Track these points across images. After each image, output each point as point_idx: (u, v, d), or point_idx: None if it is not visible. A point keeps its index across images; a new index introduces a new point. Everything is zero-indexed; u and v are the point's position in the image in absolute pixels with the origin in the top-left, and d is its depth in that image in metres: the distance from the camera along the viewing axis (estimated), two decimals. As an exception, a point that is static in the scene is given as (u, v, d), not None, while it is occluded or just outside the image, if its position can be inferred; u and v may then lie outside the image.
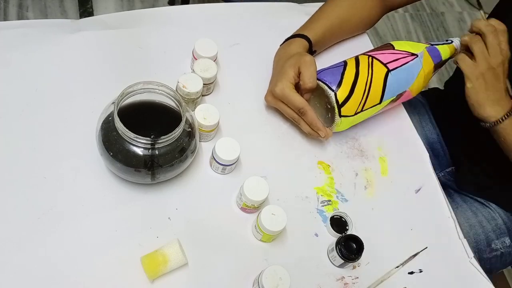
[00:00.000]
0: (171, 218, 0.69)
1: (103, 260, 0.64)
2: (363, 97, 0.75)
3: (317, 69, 0.76)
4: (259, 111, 0.83)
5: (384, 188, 0.81)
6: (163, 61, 0.83)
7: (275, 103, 0.78)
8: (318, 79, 0.75)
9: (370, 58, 0.77)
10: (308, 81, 0.73)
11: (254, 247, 0.70)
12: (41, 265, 0.62)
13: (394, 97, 0.78)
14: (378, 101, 0.77)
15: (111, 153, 0.63)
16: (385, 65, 0.77)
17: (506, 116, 0.75)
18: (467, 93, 0.76)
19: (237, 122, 0.80)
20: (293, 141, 0.81)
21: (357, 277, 0.72)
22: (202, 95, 0.80)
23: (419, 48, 0.80)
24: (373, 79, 0.75)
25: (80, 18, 1.66)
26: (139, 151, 0.63)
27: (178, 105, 0.66)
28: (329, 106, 0.76)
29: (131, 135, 0.61)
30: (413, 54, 0.79)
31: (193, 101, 0.75)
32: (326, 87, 0.74)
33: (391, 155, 0.85)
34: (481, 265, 0.77)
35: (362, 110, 0.76)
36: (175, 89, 0.68)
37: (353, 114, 0.75)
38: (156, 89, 0.66)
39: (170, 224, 0.69)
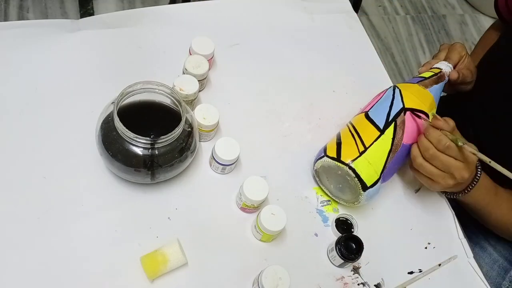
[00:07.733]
0: (171, 218, 0.69)
1: (102, 260, 0.64)
2: (355, 139, 0.72)
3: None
4: (259, 111, 0.83)
5: (384, 188, 0.81)
6: (162, 61, 0.83)
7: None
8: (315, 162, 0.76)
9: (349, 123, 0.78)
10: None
11: (254, 247, 0.70)
12: (41, 265, 0.62)
13: (394, 121, 0.73)
14: (378, 133, 0.72)
15: (111, 153, 0.64)
16: (362, 112, 0.77)
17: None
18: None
19: (237, 122, 0.80)
20: (293, 141, 0.81)
21: (357, 277, 0.71)
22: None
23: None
24: (355, 124, 0.75)
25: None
26: (139, 151, 0.63)
27: (178, 105, 0.66)
28: (343, 176, 0.72)
29: (131, 135, 0.61)
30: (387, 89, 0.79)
31: (191, 102, 0.75)
32: (317, 159, 0.74)
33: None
34: None
35: (366, 148, 0.70)
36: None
37: (358, 155, 0.70)
38: (155, 89, 0.66)
39: (170, 224, 0.69)
